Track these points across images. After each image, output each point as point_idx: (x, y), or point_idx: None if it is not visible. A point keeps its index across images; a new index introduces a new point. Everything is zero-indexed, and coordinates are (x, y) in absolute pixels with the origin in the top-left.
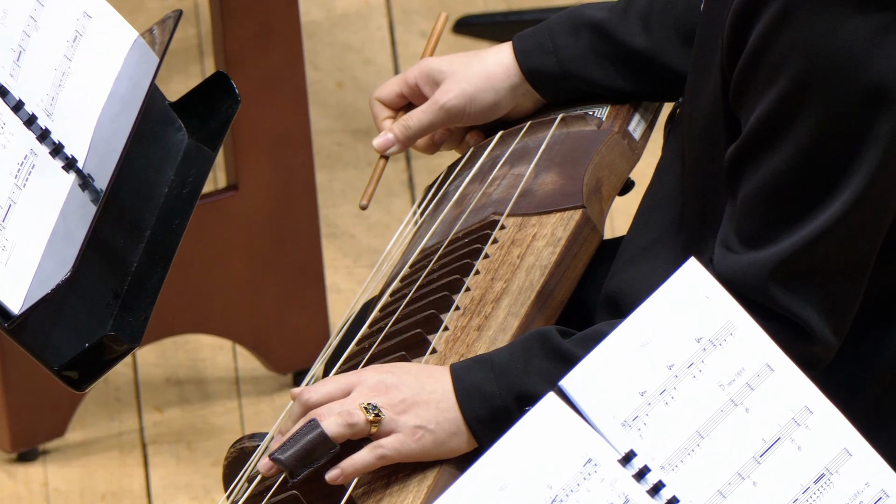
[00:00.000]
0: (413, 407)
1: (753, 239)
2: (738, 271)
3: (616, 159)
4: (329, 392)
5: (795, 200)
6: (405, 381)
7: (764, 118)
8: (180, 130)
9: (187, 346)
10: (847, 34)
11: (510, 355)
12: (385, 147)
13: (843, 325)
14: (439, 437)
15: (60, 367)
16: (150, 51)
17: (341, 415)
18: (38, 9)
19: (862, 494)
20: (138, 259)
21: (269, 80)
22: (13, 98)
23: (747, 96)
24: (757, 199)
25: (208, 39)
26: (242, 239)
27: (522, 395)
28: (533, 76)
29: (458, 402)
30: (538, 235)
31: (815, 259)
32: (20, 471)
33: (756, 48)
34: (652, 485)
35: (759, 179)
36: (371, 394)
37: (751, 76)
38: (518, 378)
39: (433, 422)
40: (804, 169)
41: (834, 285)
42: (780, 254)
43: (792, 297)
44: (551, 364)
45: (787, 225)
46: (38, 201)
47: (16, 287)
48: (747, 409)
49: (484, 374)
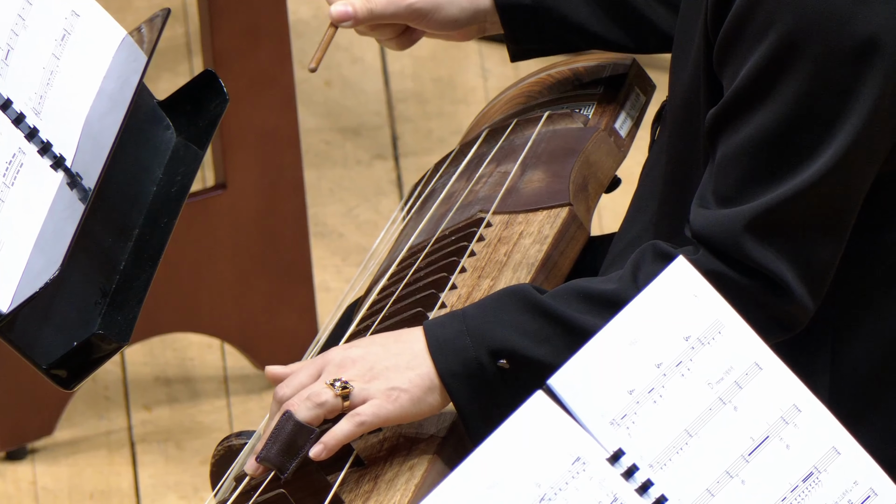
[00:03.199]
0: (383, 372)
1: (730, 197)
2: (713, 225)
3: (603, 157)
4: (300, 381)
5: (777, 157)
6: (371, 350)
7: (751, 77)
8: (169, 129)
9: (176, 345)
10: None
11: (482, 309)
12: (342, 18)
13: (818, 286)
14: (414, 394)
15: (49, 365)
16: (138, 49)
17: (310, 398)
18: (26, 7)
19: (850, 493)
20: (126, 258)
21: (257, 79)
22: (1, 97)
23: (733, 56)
24: (737, 156)
25: (196, 38)
26: (231, 237)
27: (496, 349)
28: (503, 5)
29: (431, 356)
30: (525, 233)
31: (791, 215)
32: (9, 469)
33: (743, 8)
34: (640, 483)
35: (741, 137)
36: (338, 370)
37: (737, 36)
38: (490, 330)
39: (405, 381)
40: (788, 126)
41: (810, 243)
42: (756, 208)
43: (766, 251)
44: (524, 316)
45: (765, 181)
46: (26, 200)
47: (4, 285)
48: (736, 408)
49: (456, 326)
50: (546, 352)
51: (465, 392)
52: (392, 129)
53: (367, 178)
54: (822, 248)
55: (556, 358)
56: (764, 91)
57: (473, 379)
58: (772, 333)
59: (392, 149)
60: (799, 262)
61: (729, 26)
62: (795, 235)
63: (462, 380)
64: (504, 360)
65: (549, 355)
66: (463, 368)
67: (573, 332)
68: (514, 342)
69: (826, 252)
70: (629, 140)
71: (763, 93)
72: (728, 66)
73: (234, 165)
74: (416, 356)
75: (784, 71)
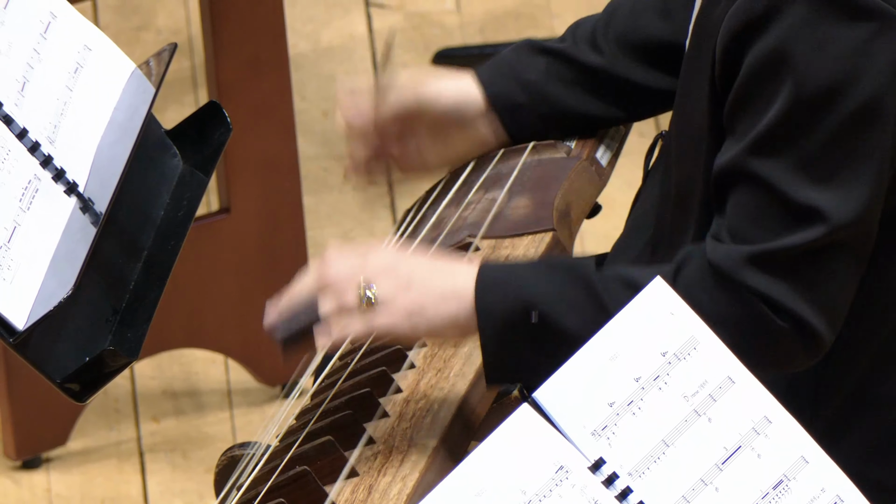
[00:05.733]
0: (418, 292)
1: (742, 237)
2: (726, 257)
3: (584, 185)
4: (346, 271)
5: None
6: (418, 269)
7: (769, 128)
8: (175, 156)
9: (182, 360)
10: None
11: (533, 268)
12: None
13: (837, 319)
14: (434, 323)
15: (62, 379)
16: (146, 81)
17: (338, 299)
18: (41, 42)
19: (818, 500)
20: (136, 277)
21: (259, 110)
22: (18, 126)
23: (747, 107)
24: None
25: (202, 71)
26: (234, 259)
27: (534, 304)
28: (498, 101)
29: (475, 290)
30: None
31: (799, 256)
32: (24, 477)
33: (758, 64)
34: (620, 490)
35: (758, 187)
36: (379, 276)
37: (753, 90)
38: (537, 287)
39: (432, 309)
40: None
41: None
42: (767, 246)
43: (761, 280)
44: (572, 288)
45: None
46: (41, 223)
47: (20, 304)
48: (710, 419)
49: (504, 274)
50: (573, 322)
51: (494, 333)
52: None
53: (362, 202)
54: (836, 280)
55: (581, 330)
56: (779, 144)
57: (507, 324)
58: (795, 364)
59: (386, 175)
60: (813, 296)
61: (744, 79)
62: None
63: (496, 321)
64: (536, 318)
65: (576, 326)
66: (500, 309)
67: (605, 312)
68: (555, 307)
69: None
70: (609, 169)
71: (778, 146)
72: (741, 116)
73: (237, 191)
74: (457, 290)
75: (801, 126)
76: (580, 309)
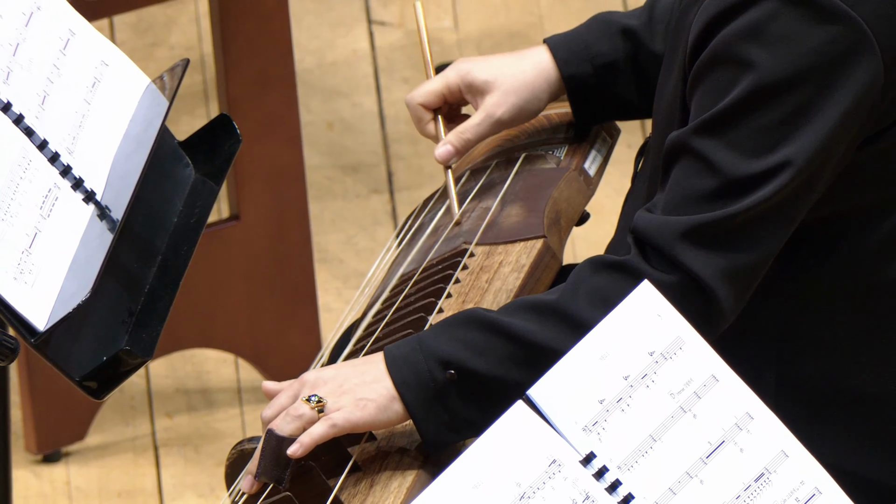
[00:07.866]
0: (352, 387)
1: (676, 210)
2: (653, 227)
3: (573, 194)
4: (280, 403)
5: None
6: (341, 371)
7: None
8: (188, 167)
9: (194, 360)
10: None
11: (434, 330)
12: (447, 158)
13: (743, 291)
14: (380, 403)
15: (81, 377)
16: (160, 95)
17: (288, 413)
18: (60, 58)
19: (797, 491)
20: (151, 281)
21: (267, 122)
22: (38, 138)
23: (704, 85)
24: (687, 178)
25: (213, 85)
26: (243, 263)
27: (445, 360)
28: (571, 82)
29: (388, 371)
30: (504, 262)
31: (728, 229)
32: (45, 471)
33: (720, 47)
34: (610, 483)
35: (695, 163)
36: (313, 389)
37: (712, 69)
38: (440, 345)
39: (372, 392)
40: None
41: (741, 253)
42: (696, 220)
43: (696, 255)
44: (471, 332)
45: (709, 203)
46: (60, 230)
47: (41, 306)
48: (695, 416)
49: (411, 345)
50: (485, 363)
51: (415, 400)
52: (387, 167)
53: (365, 209)
54: (751, 258)
55: (496, 369)
56: (724, 127)
57: (425, 389)
58: None
59: (388, 184)
60: (727, 270)
61: (706, 58)
62: (727, 246)
63: (414, 389)
64: (452, 371)
65: (488, 366)
66: (415, 379)
67: (514, 338)
68: (458, 354)
69: (755, 261)
70: (597, 178)
71: (723, 128)
72: (699, 99)
73: (247, 198)
74: (380, 373)
75: (750, 111)
76: (483, 349)
